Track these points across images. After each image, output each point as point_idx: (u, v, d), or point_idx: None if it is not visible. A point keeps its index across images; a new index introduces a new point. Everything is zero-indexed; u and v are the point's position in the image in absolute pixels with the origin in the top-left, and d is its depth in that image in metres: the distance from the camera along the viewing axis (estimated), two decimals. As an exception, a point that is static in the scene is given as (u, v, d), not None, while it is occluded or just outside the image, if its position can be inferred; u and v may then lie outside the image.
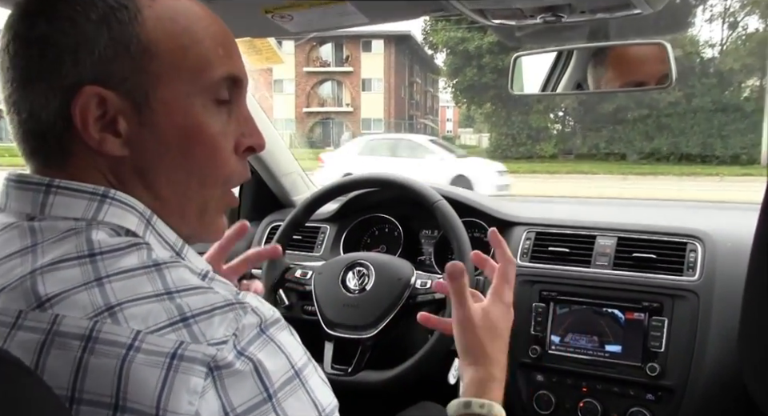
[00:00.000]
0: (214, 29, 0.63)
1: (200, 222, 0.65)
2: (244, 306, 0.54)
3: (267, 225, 1.76)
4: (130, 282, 0.53)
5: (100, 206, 0.58)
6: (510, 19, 1.08)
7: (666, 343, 1.23)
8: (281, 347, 0.54)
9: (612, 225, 1.41)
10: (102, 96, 0.57)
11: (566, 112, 26.12)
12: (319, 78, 34.12)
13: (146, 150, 0.60)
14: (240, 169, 0.66)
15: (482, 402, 0.79)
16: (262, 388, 0.51)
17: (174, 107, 0.60)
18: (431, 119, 44.23)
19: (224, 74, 0.62)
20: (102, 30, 0.57)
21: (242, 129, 0.65)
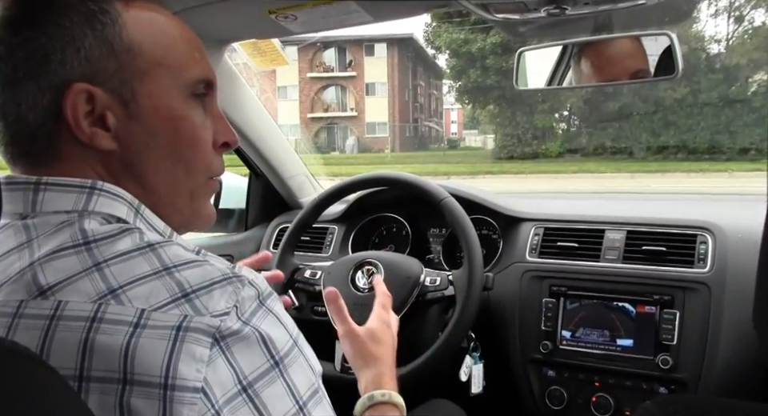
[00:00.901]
0: (187, 35, 0.68)
1: (190, 208, 0.69)
2: (241, 278, 0.57)
3: (275, 227, 1.76)
4: (128, 264, 0.56)
5: (89, 198, 0.61)
6: (513, 13, 1.07)
7: (678, 336, 1.23)
8: (279, 318, 0.58)
9: (621, 218, 1.40)
10: (90, 92, 0.60)
11: (571, 111, 26.02)
12: (323, 84, 34.17)
13: (134, 143, 0.63)
14: (218, 161, 0.71)
15: (383, 392, 0.91)
16: (269, 355, 0.55)
17: (159, 101, 0.64)
18: (436, 122, 44.19)
19: (200, 76, 0.67)
20: (86, 30, 0.60)
21: (217, 126, 0.70)
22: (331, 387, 1.31)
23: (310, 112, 33.71)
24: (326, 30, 1.23)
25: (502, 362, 1.39)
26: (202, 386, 0.50)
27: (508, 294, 1.40)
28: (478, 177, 16.09)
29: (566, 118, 26.64)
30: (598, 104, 23.16)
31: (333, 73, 34.04)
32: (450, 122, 52.59)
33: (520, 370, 1.37)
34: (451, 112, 51.36)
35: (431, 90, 42.93)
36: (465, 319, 1.21)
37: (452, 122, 53.22)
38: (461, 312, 1.21)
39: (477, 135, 44.14)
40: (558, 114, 26.21)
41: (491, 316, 1.41)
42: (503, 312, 1.41)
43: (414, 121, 37.81)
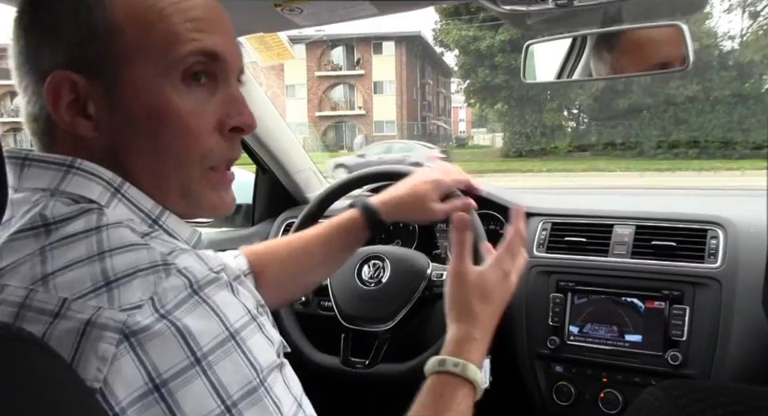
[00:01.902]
0: (187, 4, 0.61)
1: (185, 201, 0.65)
2: (168, 268, 0.53)
3: (282, 222, 1.76)
4: (67, 248, 0.54)
5: (65, 176, 0.60)
6: (520, 5, 1.06)
7: (687, 332, 1.21)
8: (215, 309, 0.53)
9: (629, 213, 1.39)
10: (71, 79, 0.59)
11: (580, 109, 25.93)
12: (331, 82, 34.20)
13: (118, 132, 0.61)
14: (221, 148, 0.65)
15: (457, 361, 0.78)
16: (188, 352, 0.50)
17: (141, 87, 0.60)
18: (444, 120, 44.13)
19: (193, 49, 0.61)
20: (71, 16, 0.59)
21: (227, 108, 0.64)
22: (335, 381, 1.32)
23: (317, 110, 33.76)
24: (332, 22, 1.22)
25: (508, 358, 1.38)
26: (99, 386, 0.48)
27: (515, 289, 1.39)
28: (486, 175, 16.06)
29: (575, 115, 26.55)
30: (607, 101, 23.05)
31: (341, 71, 34.06)
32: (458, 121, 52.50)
33: (527, 365, 1.36)
34: (459, 110, 51.26)
35: (439, 89, 42.88)
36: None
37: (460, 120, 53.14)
38: None
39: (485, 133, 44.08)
40: (567, 111, 26.13)
41: (498, 311, 1.40)
42: (510, 307, 1.37)
43: (422, 119, 37.78)
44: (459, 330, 0.83)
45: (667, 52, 1.17)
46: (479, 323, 0.83)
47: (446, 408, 0.74)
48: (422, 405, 0.75)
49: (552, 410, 1.34)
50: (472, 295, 0.84)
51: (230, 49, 0.64)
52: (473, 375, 0.77)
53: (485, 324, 0.84)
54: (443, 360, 0.78)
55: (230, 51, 0.64)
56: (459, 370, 0.77)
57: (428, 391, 0.76)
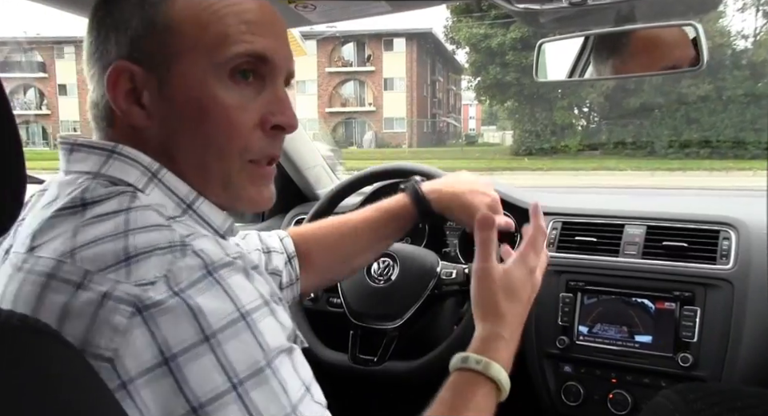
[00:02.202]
0: (242, 7, 0.65)
1: (225, 192, 0.68)
2: (185, 248, 0.56)
3: (292, 218, 1.76)
4: (96, 226, 0.57)
5: (107, 161, 0.64)
6: (534, 3, 1.06)
7: (698, 333, 1.21)
8: (228, 290, 0.55)
9: (641, 213, 1.38)
10: (130, 70, 0.63)
11: (591, 107, 25.78)
12: (341, 78, 34.20)
13: (167, 122, 0.65)
14: (262, 144, 0.68)
15: (479, 359, 0.76)
16: (198, 329, 0.52)
17: (191, 81, 0.63)
18: (454, 117, 44.04)
19: (242, 50, 0.64)
20: (136, 11, 0.63)
21: (271, 107, 0.67)
22: (343, 378, 1.32)
23: (328, 106, 33.78)
24: (345, 19, 1.22)
25: (517, 357, 1.37)
26: (111, 355, 0.50)
27: (525, 289, 1.39)
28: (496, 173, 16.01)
29: (586, 114, 26.41)
30: (618, 100, 22.91)
31: (351, 67, 34.06)
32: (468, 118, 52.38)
33: (536, 365, 1.36)
34: (469, 108, 51.14)
35: (450, 86, 42.80)
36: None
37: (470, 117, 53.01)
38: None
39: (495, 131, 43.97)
40: (578, 109, 25.99)
41: (507, 310, 1.40)
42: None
43: (432, 116, 37.73)
44: (486, 329, 0.82)
45: (681, 52, 1.16)
46: (507, 322, 0.82)
47: (463, 406, 0.73)
48: (440, 401, 0.74)
49: (560, 410, 1.33)
50: (498, 294, 0.83)
51: (280, 52, 0.67)
52: (496, 374, 0.76)
53: (513, 323, 0.83)
54: (466, 357, 0.77)
55: (279, 54, 0.67)
56: (481, 367, 0.76)
57: (448, 387, 0.76)
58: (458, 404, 0.73)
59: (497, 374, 0.76)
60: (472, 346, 0.80)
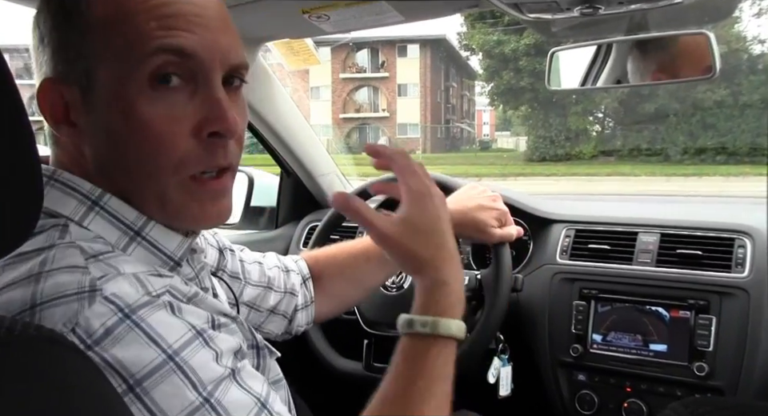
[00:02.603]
0: (157, 2, 0.57)
1: (164, 211, 0.62)
2: (94, 294, 0.51)
3: (305, 225, 1.77)
4: (13, 267, 0.53)
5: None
6: (545, 13, 1.06)
7: (714, 342, 1.20)
8: (149, 332, 0.51)
9: (654, 221, 1.37)
10: (57, 88, 0.59)
11: (606, 113, 25.65)
12: (355, 85, 34.32)
13: (96, 140, 0.60)
14: (198, 154, 0.60)
15: (424, 320, 0.67)
16: (120, 381, 0.49)
17: (110, 93, 0.58)
18: (468, 123, 43.99)
19: (154, 47, 0.56)
20: (54, 24, 0.60)
21: (206, 112, 0.59)
22: (357, 386, 1.32)
23: (341, 112, 33.89)
24: (359, 29, 1.23)
25: (530, 365, 1.38)
26: None
27: (538, 296, 1.39)
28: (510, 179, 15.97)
29: (600, 119, 26.28)
30: (633, 105, 22.77)
31: (365, 74, 34.17)
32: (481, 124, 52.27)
33: (549, 373, 1.36)
34: (483, 113, 51.04)
35: (463, 92, 42.77)
36: (493, 320, 1.20)
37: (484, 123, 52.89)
38: (489, 312, 1.20)
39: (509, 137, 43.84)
40: (592, 115, 25.87)
41: (520, 318, 1.40)
42: (533, 314, 1.39)
43: (446, 122, 37.73)
44: (423, 280, 0.71)
45: (693, 60, 1.16)
46: (438, 263, 0.71)
47: (418, 374, 0.66)
48: (394, 374, 0.67)
49: (574, 419, 1.33)
50: (407, 244, 0.71)
51: (209, 46, 0.59)
52: (445, 330, 0.67)
53: (443, 259, 0.71)
54: (411, 320, 0.68)
55: (207, 48, 0.59)
56: (429, 329, 0.67)
57: (399, 355, 0.68)
58: (415, 374, 0.66)
59: (446, 330, 0.68)
60: (415, 303, 0.71)
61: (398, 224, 0.71)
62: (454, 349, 0.69)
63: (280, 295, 1.00)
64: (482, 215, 1.13)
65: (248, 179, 1.76)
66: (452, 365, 0.68)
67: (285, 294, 1.01)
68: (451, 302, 0.70)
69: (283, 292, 1.01)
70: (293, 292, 1.02)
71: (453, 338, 0.68)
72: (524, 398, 1.37)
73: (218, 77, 0.61)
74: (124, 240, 0.60)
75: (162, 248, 0.62)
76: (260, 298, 0.98)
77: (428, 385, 0.65)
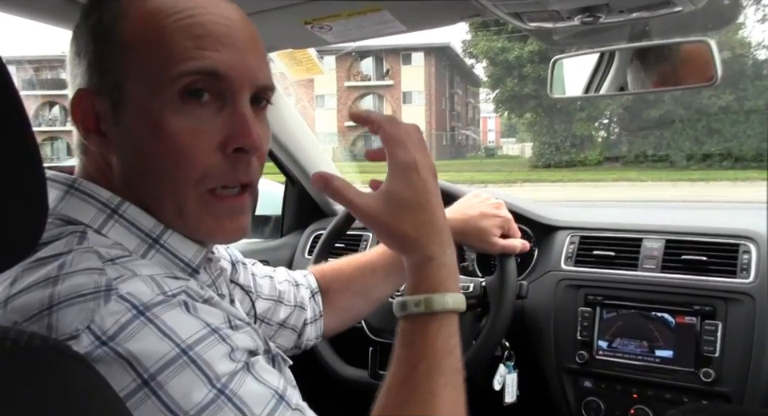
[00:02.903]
0: (193, 21, 0.60)
1: (181, 222, 0.63)
2: (110, 293, 0.53)
3: (310, 234, 1.78)
4: (32, 271, 0.55)
5: (63, 197, 0.62)
6: (546, 22, 1.07)
7: (720, 348, 1.20)
8: (162, 328, 0.52)
9: (659, 227, 1.37)
10: (89, 97, 0.62)
11: (611, 119, 25.63)
12: (360, 93, 34.42)
13: (124, 149, 0.62)
14: (223, 168, 0.62)
15: (417, 300, 0.65)
16: (134, 375, 0.50)
17: (140, 104, 0.60)
18: (473, 130, 44.02)
19: (188, 69, 0.59)
20: (92, 36, 0.62)
21: (232, 128, 0.61)
22: (363, 395, 1.32)
23: (347, 121, 33.94)
24: (361, 39, 1.24)
25: (536, 372, 1.37)
26: None
27: (543, 303, 1.39)
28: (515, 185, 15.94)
29: (606, 125, 26.26)
30: (638, 111, 22.75)
31: (370, 82, 34.29)
32: (486, 131, 52.32)
33: (555, 380, 1.36)
34: (488, 120, 51.10)
35: (468, 99, 42.83)
36: (498, 327, 1.20)
37: (489, 130, 52.94)
38: (494, 319, 1.21)
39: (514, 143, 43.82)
40: (597, 121, 25.85)
41: (526, 325, 1.40)
42: (538, 321, 1.39)
43: (451, 129, 37.77)
44: (410, 259, 0.69)
45: (695, 68, 1.17)
46: (423, 240, 0.68)
47: (420, 356, 0.64)
48: (396, 360, 0.66)
49: (580, 426, 1.32)
50: (393, 221, 0.67)
51: (239, 66, 0.61)
52: (441, 306, 0.65)
53: (430, 234, 0.68)
54: (404, 302, 0.67)
55: (237, 68, 0.61)
56: (423, 308, 0.65)
57: (399, 340, 0.67)
58: (416, 359, 0.64)
59: (442, 305, 0.66)
60: (407, 284, 0.69)
61: (381, 200, 0.67)
62: (455, 322, 0.67)
63: (290, 309, 1.01)
64: (484, 223, 1.13)
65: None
66: (456, 338, 0.66)
67: (294, 308, 1.01)
68: (442, 276, 0.67)
69: (293, 306, 1.01)
70: (302, 306, 1.03)
71: (451, 311, 0.66)
72: (530, 404, 1.36)
73: (246, 96, 0.63)
74: (143, 247, 0.62)
75: (180, 255, 0.64)
76: (271, 311, 0.98)
77: (432, 363, 0.63)
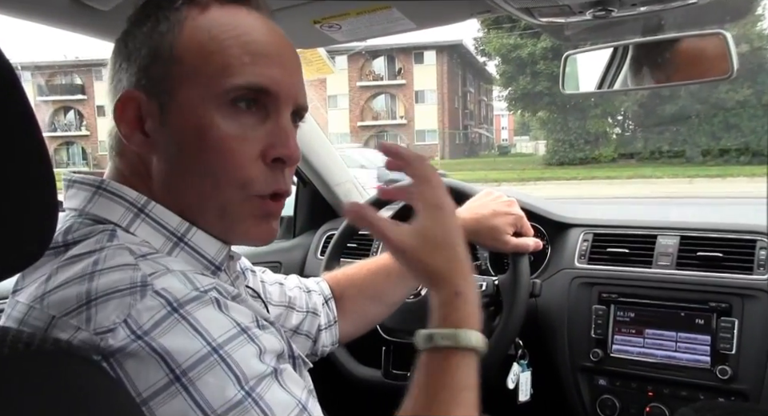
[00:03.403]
0: (248, 37, 0.64)
1: (221, 224, 0.66)
2: (145, 288, 0.54)
3: (323, 234, 1.78)
4: (68, 268, 0.57)
5: (92, 197, 0.64)
6: (558, 17, 1.06)
7: (737, 345, 1.18)
8: (195, 325, 0.54)
9: (673, 224, 1.36)
10: (137, 98, 0.64)
11: (626, 115, 25.42)
12: (373, 92, 34.44)
13: (168, 150, 0.65)
14: (264, 176, 0.65)
15: (445, 333, 0.68)
16: (167, 370, 0.51)
17: (190, 109, 0.63)
18: (486, 128, 43.88)
19: (243, 83, 0.63)
20: (146, 41, 0.64)
21: (273, 139, 0.65)
22: (376, 394, 1.32)
23: (359, 120, 34.02)
24: (371, 38, 1.24)
25: (550, 370, 1.37)
26: None
27: (556, 301, 1.38)
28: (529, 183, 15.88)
29: (621, 122, 26.05)
30: (653, 107, 22.54)
31: (382, 81, 34.28)
32: (500, 129, 52.13)
33: (569, 378, 1.35)
34: (501, 118, 50.91)
35: (481, 97, 42.70)
36: (511, 325, 1.20)
37: (502, 128, 52.74)
38: (507, 318, 1.20)
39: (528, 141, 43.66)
40: (612, 118, 25.65)
41: (539, 323, 1.39)
42: (551, 319, 1.38)
43: (464, 128, 37.70)
44: (438, 294, 0.71)
45: (710, 61, 1.15)
46: (453, 274, 0.71)
47: (441, 385, 0.66)
48: (417, 387, 0.67)
49: (595, 424, 1.31)
50: (422, 257, 0.71)
51: (286, 83, 0.66)
52: (467, 342, 0.67)
53: (458, 270, 0.71)
54: (431, 335, 0.68)
55: (284, 86, 0.65)
56: (450, 342, 0.67)
57: (421, 370, 0.68)
58: (437, 387, 0.66)
59: (467, 341, 0.68)
60: (433, 316, 0.71)
61: (413, 236, 0.70)
62: (475, 361, 0.69)
63: (302, 315, 1.01)
64: (496, 221, 1.13)
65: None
66: (475, 376, 0.68)
67: (307, 314, 1.02)
68: (468, 312, 0.70)
69: (305, 312, 1.02)
70: (315, 312, 1.03)
71: (473, 349, 0.68)
72: (544, 403, 1.36)
73: (288, 111, 0.67)
74: (168, 245, 0.64)
75: (204, 253, 0.66)
76: (282, 317, 0.98)
77: (452, 395, 0.65)
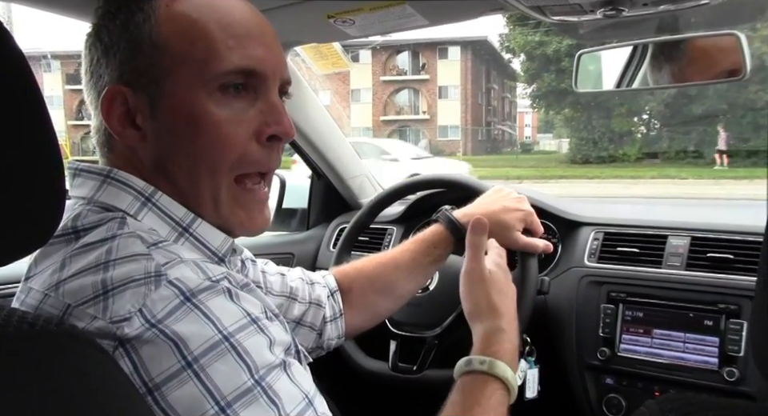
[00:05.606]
0: (229, 20, 0.64)
1: (216, 213, 0.68)
2: (160, 278, 0.56)
3: (335, 227, 1.80)
4: (81, 257, 0.58)
5: (101, 186, 0.65)
6: (569, 15, 1.06)
7: (745, 347, 1.17)
8: (207, 314, 0.55)
9: (684, 224, 1.35)
10: (122, 93, 0.64)
11: (651, 114, 25.05)
12: (396, 87, 34.35)
13: (161, 141, 0.65)
14: (258, 154, 0.67)
15: (483, 359, 0.77)
16: (179, 356, 0.53)
17: (180, 97, 0.63)
18: (509, 125, 43.58)
19: (231, 68, 0.64)
20: (123, 34, 0.64)
21: (266, 118, 0.67)
22: (384, 387, 1.33)
23: (382, 115, 33.98)
24: (384, 33, 1.25)
25: (557, 368, 1.37)
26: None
27: (565, 299, 1.38)
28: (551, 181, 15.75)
29: (645, 121, 25.67)
30: (679, 107, 22.17)
31: (406, 76, 34.18)
32: (523, 126, 51.70)
33: (576, 376, 1.35)
34: (525, 115, 50.49)
35: (505, 94, 42.40)
36: (519, 322, 1.20)
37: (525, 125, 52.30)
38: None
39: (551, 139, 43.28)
40: (637, 117, 25.28)
41: (547, 320, 1.39)
42: (560, 317, 1.39)
43: (487, 124, 37.45)
44: (484, 326, 0.83)
45: (723, 62, 1.15)
46: (502, 314, 0.85)
47: (474, 402, 0.73)
48: (451, 402, 0.74)
49: (602, 423, 1.32)
50: (489, 290, 0.87)
51: (269, 62, 0.67)
52: (501, 372, 0.75)
53: (508, 314, 0.86)
54: (470, 360, 0.78)
55: (269, 65, 0.67)
56: (486, 367, 0.76)
57: (458, 390, 0.75)
58: (470, 401, 0.73)
59: (502, 372, 0.76)
60: (475, 346, 0.81)
61: (489, 272, 0.89)
62: (508, 397, 0.75)
63: (304, 306, 1.02)
64: (506, 217, 1.13)
65: (280, 182, 1.80)
66: (506, 409, 0.74)
67: (310, 306, 1.03)
68: (508, 349, 0.79)
69: (308, 303, 1.02)
70: (318, 303, 1.04)
71: (507, 384, 0.75)
72: (551, 400, 1.36)
73: (276, 88, 0.69)
74: (174, 235, 0.65)
75: (208, 244, 0.68)
76: (284, 308, 0.99)
77: (483, 413, 0.71)
